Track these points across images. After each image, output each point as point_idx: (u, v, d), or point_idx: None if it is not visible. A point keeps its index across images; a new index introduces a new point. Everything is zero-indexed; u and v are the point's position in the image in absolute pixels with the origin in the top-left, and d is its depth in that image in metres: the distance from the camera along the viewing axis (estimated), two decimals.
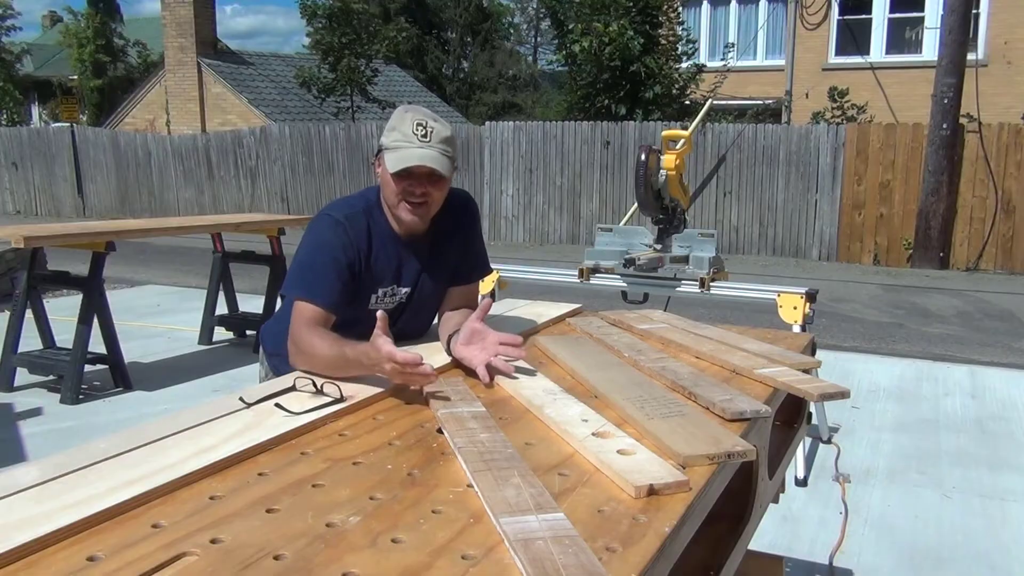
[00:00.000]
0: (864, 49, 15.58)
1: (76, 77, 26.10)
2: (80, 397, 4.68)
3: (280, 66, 19.99)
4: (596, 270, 4.42)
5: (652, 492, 1.13)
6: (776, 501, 1.93)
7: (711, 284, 4.13)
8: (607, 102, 13.65)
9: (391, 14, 25.38)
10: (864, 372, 5.48)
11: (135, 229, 5.63)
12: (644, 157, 4.15)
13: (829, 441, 4.14)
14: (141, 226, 5.76)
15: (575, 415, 1.44)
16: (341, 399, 1.52)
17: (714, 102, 12.10)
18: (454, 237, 2.07)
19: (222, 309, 6.25)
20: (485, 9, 33.41)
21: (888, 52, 15.58)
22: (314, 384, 1.57)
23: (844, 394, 1.67)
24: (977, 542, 3.11)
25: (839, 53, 15.85)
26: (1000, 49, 14.58)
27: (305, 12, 16.78)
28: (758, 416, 1.48)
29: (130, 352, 5.24)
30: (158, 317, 7.05)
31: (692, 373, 1.73)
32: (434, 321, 2.16)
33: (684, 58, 14.44)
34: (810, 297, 3.88)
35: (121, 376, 4.94)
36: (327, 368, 1.68)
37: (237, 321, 6.25)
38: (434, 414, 1.47)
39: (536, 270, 4.84)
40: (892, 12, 15.47)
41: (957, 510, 3.39)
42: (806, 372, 1.82)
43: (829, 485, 3.64)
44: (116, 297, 7.27)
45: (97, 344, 4.84)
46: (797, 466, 3.64)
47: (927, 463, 3.91)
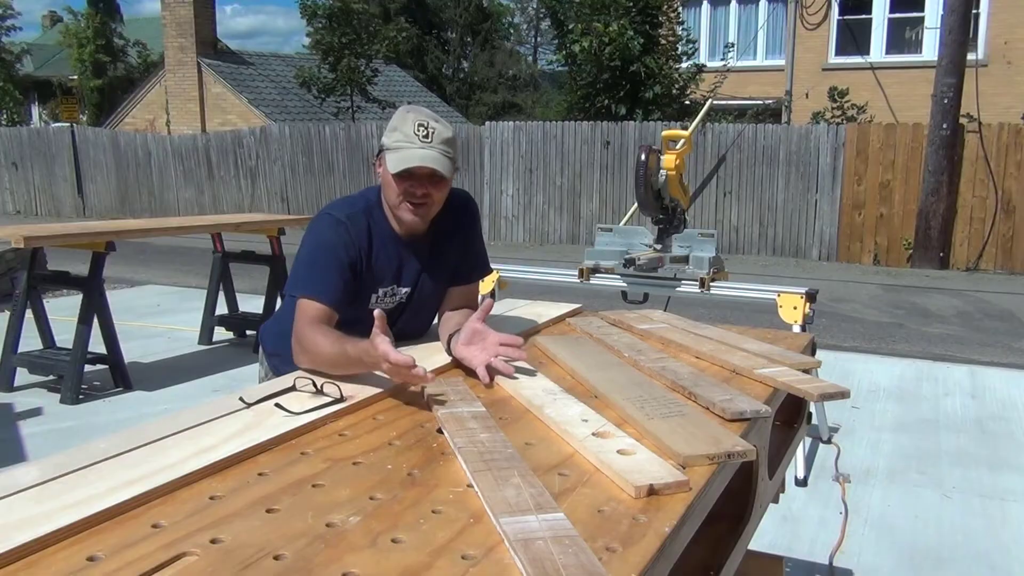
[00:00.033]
0: (864, 49, 15.58)
1: (76, 77, 26.11)
2: (80, 397, 4.68)
3: (280, 66, 19.99)
4: (596, 270, 4.42)
5: (652, 492, 1.13)
6: (776, 501, 1.93)
7: (711, 284, 4.13)
8: (607, 102, 13.65)
9: (391, 14, 25.38)
10: (864, 372, 5.48)
11: (135, 229, 5.63)
12: (644, 157, 4.15)
13: (829, 441, 4.14)
14: (141, 226, 5.76)
15: (575, 415, 1.44)
16: (341, 399, 1.52)
17: (714, 102, 12.10)
18: (454, 237, 2.07)
19: (222, 309, 6.25)
20: (485, 9, 33.40)
21: (888, 52, 15.58)
22: (314, 384, 1.57)
23: (844, 394, 1.67)
24: (977, 542, 3.11)
25: (839, 53, 15.85)
26: (1000, 49, 14.58)
27: (305, 12, 16.78)
28: (758, 416, 1.48)
29: (130, 352, 5.24)
30: (158, 317, 7.05)
31: (692, 373, 1.73)
32: (434, 321, 2.16)
33: (684, 58, 14.45)
34: (810, 297, 3.88)
35: (121, 376, 4.94)
36: (330, 366, 1.68)
37: (237, 321, 6.25)
38: (434, 414, 1.47)
39: (536, 270, 4.84)
40: (892, 12, 15.47)
41: (957, 510, 3.39)
42: (806, 372, 1.82)
43: (829, 485, 3.63)
44: (116, 297, 7.27)
45: (97, 344, 4.84)
46: (797, 466, 3.64)
47: (927, 463, 3.91)
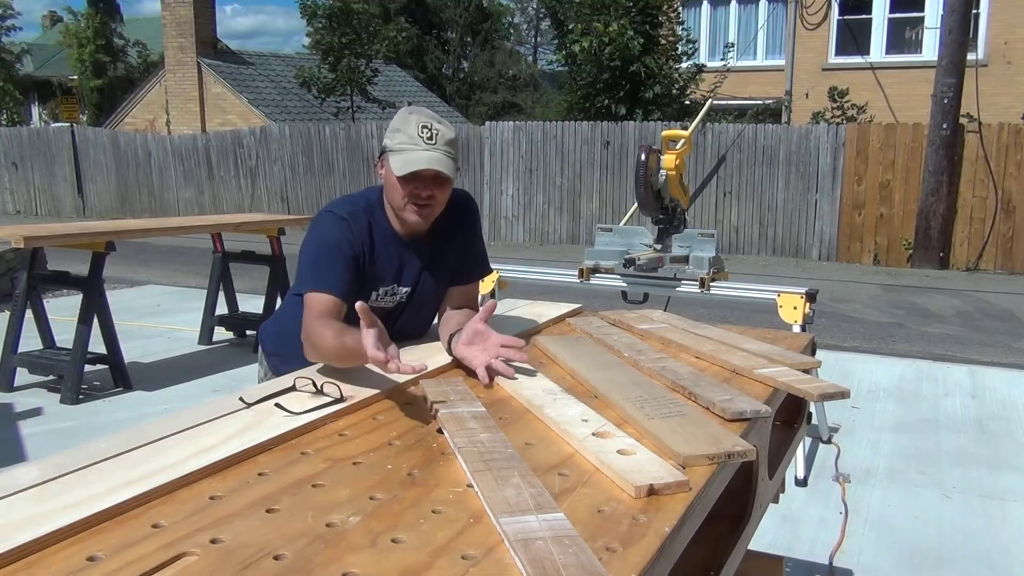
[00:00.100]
0: (864, 49, 15.58)
1: (76, 77, 26.11)
2: (80, 397, 4.68)
3: (280, 66, 19.99)
4: (596, 270, 4.42)
5: (652, 492, 1.13)
6: (776, 501, 1.93)
7: (711, 284, 4.13)
8: (607, 102, 13.65)
9: (391, 14, 25.38)
10: (864, 372, 5.48)
11: (135, 229, 5.62)
12: (644, 157, 4.15)
13: (829, 441, 4.14)
14: (141, 226, 5.76)
15: (575, 415, 1.44)
16: (341, 399, 1.52)
17: (714, 102, 12.09)
18: (454, 237, 2.07)
19: (222, 309, 6.25)
20: (485, 9, 33.40)
21: (888, 52, 15.58)
22: (314, 384, 1.57)
23: (844, 394, 1.67)
24: (977, 542, 3.11)
25: (839, 53, 15.85)
26: (1000, 49, 14.58)
27: (305, 12, 16.78)
28: (758, 416, 1.48)
29: (130, 352, 5.24)
30: (158, 317, 7.05)
31: (692, 373, 1.73)
32: (434, 321, 2.16)
33: (684, 58, 14.44)
34: (810, 297, 3.88)
35: (121, 376, 4.94)
36: (334, 359, 1.68)
37: (237, 321, 6.25)
38: (434, 414, 1.47)
39: (536, 270, 4.84)
40: (892, 12, 15.47)
41: (957, 510, 3.39)
42: (806, 372, 1.82)
43: (829, 485, 3.63)
44: (116, 297, 7.27)
45: (97, 344, 4.84)
46: (797, 466, 3.64)
47: (927, 463, 3.91)
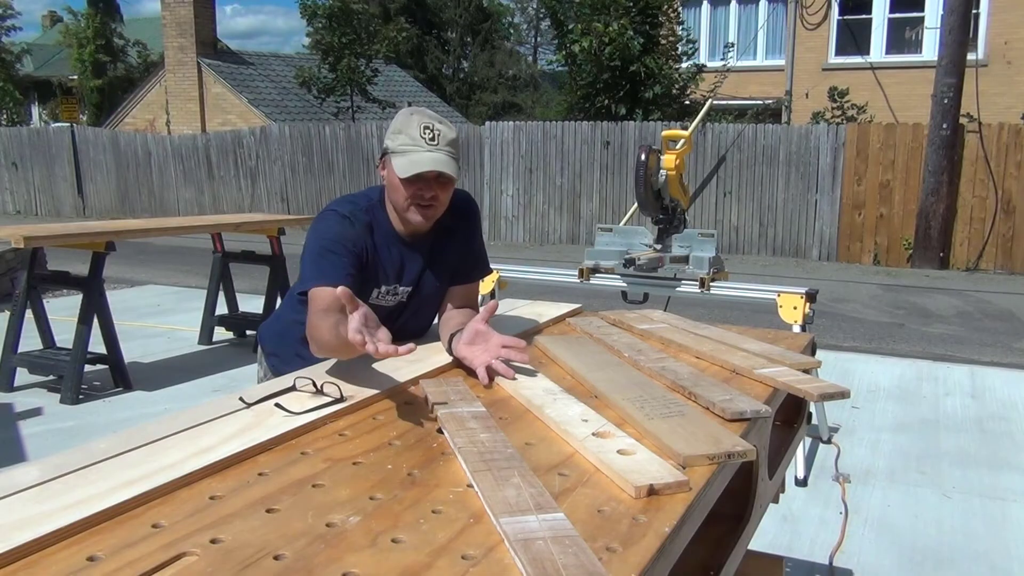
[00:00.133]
0: (864, 49, 15.58)
1: (76, 77, 26.11)
2: (80, 397, 4.68)
3: (280, 66, 19.99)
4: (596, 270, 4.42)
5: (652, 492, 1.13)
6: (776, 501, 1.93)
7: (711, 284, 4.13)
8: (607, 102, 13.65)
9: (391, 14, 25.37)
10: (864, 372, 5.48)
11: (135, 229, 5.62)
12: (644, 157, 4.15)
13: (829, 441, 4.14)
14: (141, 226, 5.76)
15: (575, 415, 1.44)
16: (341, 399, 1.52)
17: (714, 102, 12.09)
18: (455, 237, 2.07)
19: (222, 309, 6.25)
20: (485, 9, 33.40)
21: (888, 52, 15.58)
22: (314, 384, 1.57)
23: (844, 394, 1.67)
24: (977, 542, 3.11)
25: (839, 53, 15.85)
26: (1000, 49, 14.58)
27: (305, 12, 16.79)
28: (758, 416, 1.48)
29: (130, 352, 5.24)
30: (158, 317, 7.05)
31: (692, 373, 1.73)
32: (434, 320, 2.16)
33: (684, 58, 14.44)
34: (810, 297, 3.88)
35: (121, 376, 4.94)
36: (334, 350, 1.66)
37: (237, 321, 6.25)
38: (434, 414, 1.47)
39: (536, 270, 4.84)
40: (892, 12, 15.47)
41: (957, 510, 3.39)
42: (806, 372, 1.82)
43: (829, 485, 3.63)
44: (116, 297, 7.28)
45: (97, 344, 4.84)
46: (797, 466, 3.64)
47: (927, 463, 3.91)
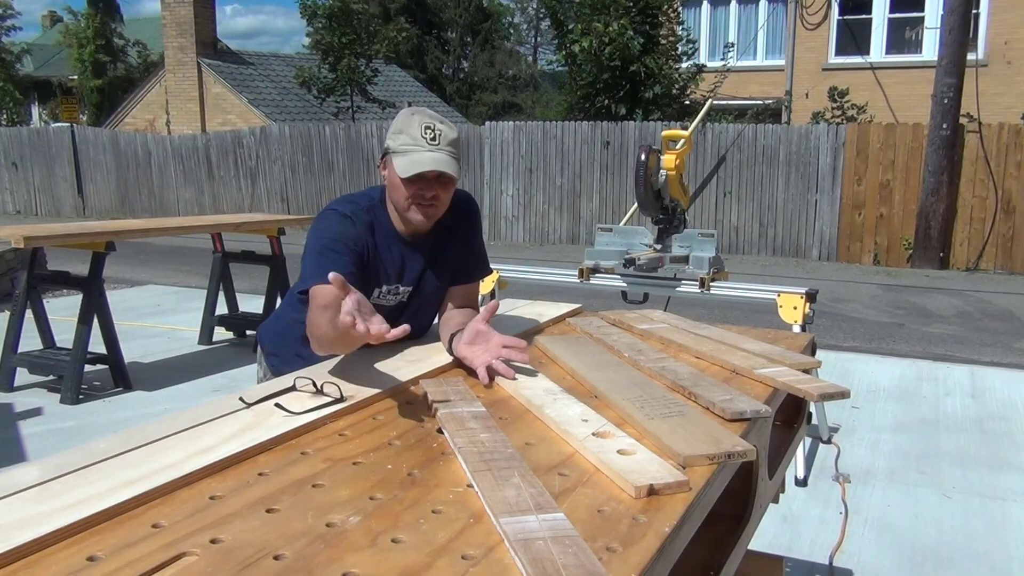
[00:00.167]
0: (864, 49, 15.58)
1: (76, 77, 26.11)
2: (80, 397, 4.68)
3: (280, 66, 19.99)
4: (596, 270, 4.42)
5: (652, 492, 1.13)
6: (776, 501, 1.93)
7: (711, 284, 4.13)
8: (607, 102, 13.65)
9: (391, 14, 25.38)
10: (864, 372, 5.48)
11: (135, 229, 5.62)
12: (644, 157, 4.15)
13: (829, 441, 4.14)
14: (141, 226, 5.76)
15: (575, 415, 1.44)
16: (341, 399, 1.52)
17: (714, 102, 12.09)
18: (455, 237, 2.07)
19: (222, 309, 6.25)
20: (485, 9, 33.40)
21: (888, 52, 15.58)
22: (314, 384, 1.57)
23: (844, 394, 1.67)
24: (977, 542, 3.11)
25: (839, 53, 15.85)
26: (1000, 49, 14.58)
27: (305, 12, 16.79)
28: (758, 416, 1.48)
29: (130, 352, 5.24)
30: (158, 317, 7.05)
31: (692, 373, 1.73)
32: (434, 320, 2.16)
33: (684, 58, 14.45)
34: (810, 297, 3.88)
35: (121, 376, 4.94)
36: (333, 343, 1.63)
37: (237, 321, 6.25)
38: (434, 414, 1.47)
39: (536, 270, 4.84)
40: (892, 12, 15.47)
41: (957, 510, 3.39)
42: (806, 372, 1.82)
43: (829, 485, 3.63)
44: (116, 297, 7.28)
45: (97, 344, 4.84)
46: (797, 466, 3.64)
47: (927, 463, 3.91)
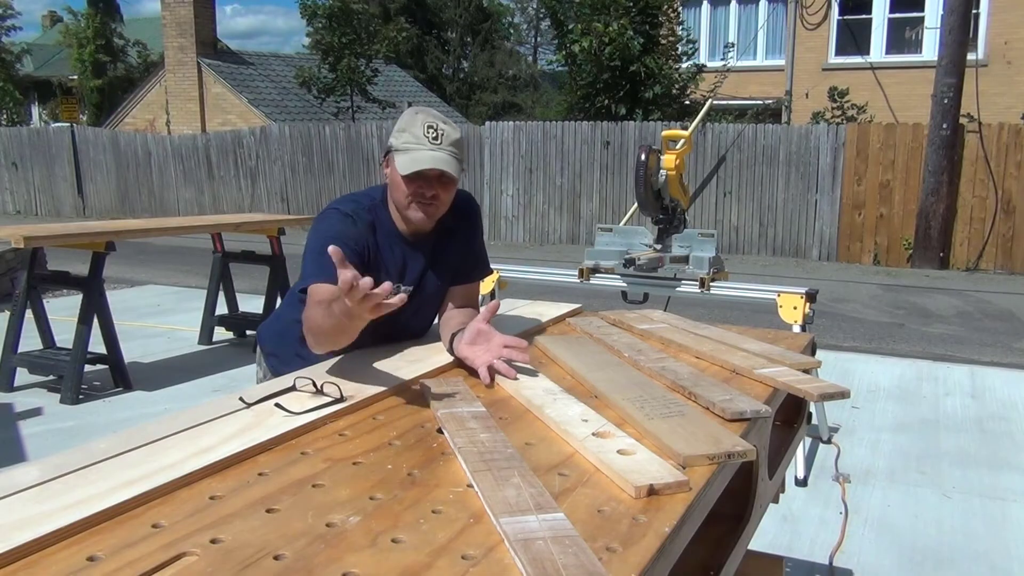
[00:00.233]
0: (864, 49, 15.58)
1: (76, 77, 26.11)
2: (80, 397, 4.68)
3: (280, 66, 19.99)
4: (596, 270, 4.42)
5: (652, 492, 1.13)
6: (776, 501, 1.93)
7: (711, 284, 4.13)
8: (607, 102, 13.65)
9: (391, 14, 25.38)
10: (864, 372, 5.48)
11: (135, 229, 5.62)
12: (644, 157, 4.15)
13: (829, 441, 4.14)
14: (141, 226, 5.76)
15: (575, 415, 1.44)
16: (341, 399, 1.52)
17: (714, 102, 12.09)
18: (456, 237, 2.07)
19: (222, 309, 6.25)
20: (485, 9, 33.40)
21: (888, 52, 15.58)
22: (314, 384, 1.57)
23: (844, 394, 1.67)
24: (977, 542, 3.11)
25: (839, 53, 15.85)
26: (1000, 49, 14.58)
27: (305, 12, 16.78)
28: (758, 416, 1.48)
29: (130, 352, 5.24)
30: (158, 317, 7.05)
31: (692, 373, 1.73)
32: (435, 320, 2.16)
33: (684, 58, 14.44)
34: (810, 297, 3.88)
35: (121, 376, 4.94)
36: (331, 335, 1.63)
37: (237, 321, 6.25)
38: (434, 414, 1.47)
39: (536, 270, 4.84)
40: (892, 12, 15.47)
41: (957, 510, 3.39)
42: (806, 372, 1.82)
43: (829, 485, 3.63)
44: (116, 297, 7.28)
45: (97, 344, 4.84)
46: (797, 466, 3.64)
47: (927, 463, 3.91)
